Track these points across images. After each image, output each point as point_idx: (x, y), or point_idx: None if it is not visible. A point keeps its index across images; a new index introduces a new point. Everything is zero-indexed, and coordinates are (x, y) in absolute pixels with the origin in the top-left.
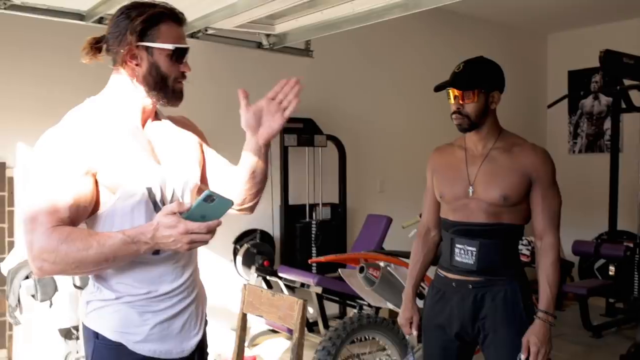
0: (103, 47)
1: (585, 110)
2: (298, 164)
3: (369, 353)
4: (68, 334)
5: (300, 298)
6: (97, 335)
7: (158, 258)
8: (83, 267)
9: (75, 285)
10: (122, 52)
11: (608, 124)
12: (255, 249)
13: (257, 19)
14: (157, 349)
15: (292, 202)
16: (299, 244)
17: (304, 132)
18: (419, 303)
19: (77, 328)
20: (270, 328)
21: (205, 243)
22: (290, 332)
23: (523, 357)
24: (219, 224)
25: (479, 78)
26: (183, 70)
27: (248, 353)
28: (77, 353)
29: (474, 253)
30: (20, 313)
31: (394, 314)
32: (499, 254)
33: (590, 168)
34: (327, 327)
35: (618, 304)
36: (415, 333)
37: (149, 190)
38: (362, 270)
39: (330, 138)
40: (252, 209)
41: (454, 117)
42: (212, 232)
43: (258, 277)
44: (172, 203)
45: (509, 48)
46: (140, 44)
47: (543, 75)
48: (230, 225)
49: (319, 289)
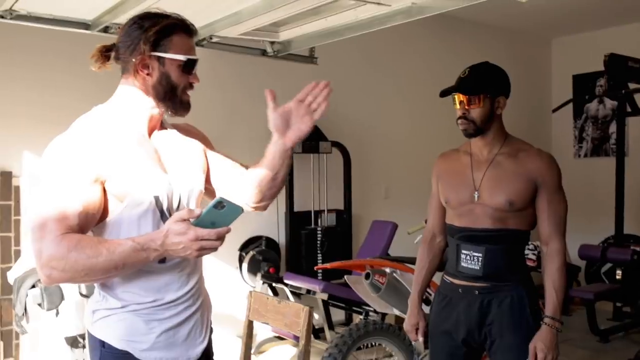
0: (112, 55)
1: (590, 114)
2: (303, 171)
3: (376, 359)
4: (74, 343)
5: (306, 305)
6: (103, 344)
7: (164, 266)
8: (92, 274)
9: (82, 294)
10: (133, 61)
11: (613, 128)
12: (261, 256)
13: (261, 27)
14: (163, 357)
15: (297, 208)
16: (305, 251)
17: (309, 138)
18: (425, 309)
19: (83, 336)
20: (277, 335)
21: (215, 250)
22: (297, 339)
23: None
24: (229, 231)
25: (485, 83)
26: (192, 81)
27: None
28: None
29: (480, 259)
30: (27, 322)
31: (400, 320)
32: (505, 260)
33: (596, 172)
34: (333, 333)
35: (625, 308)
36: (422, 339)
37: (156, 199)
38: (368, 277)
39: (335, 144)
40: (265, 207)
41: (460, 122)
42: (221, 238)
43: (264, 284)
44: (182, 210)
45: (513, 53)
46: (153, 54)
47: (548, 80)
48: (236, 233)
49: (325, 296)
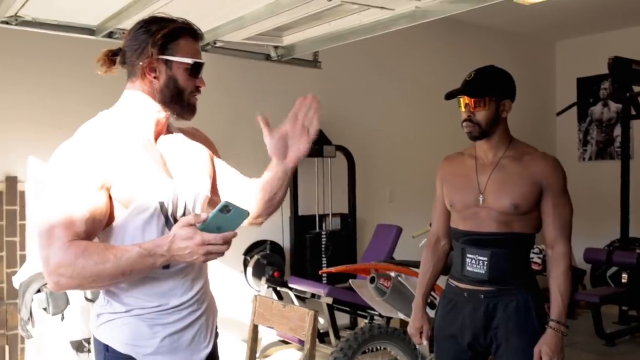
0: (118, 59)
1: (595, 117)
2: (307, 175)
3: None
4: (79, 347)
5: (311, 309)
6: (107, 348)
7: (168, 272)
8: (100, 281)
9: (87, 298)
10: (140, 64)
11: (618, 131)
12: (266, 260)
13: (265, 32)
14: None
15: (301, 212)
16: (309, 255)
17: (313, 142)
18: (430, 312)
19: (88, 341)
20: (281, 339)
21: (222, 254)
22: (302, 343)
23: None
24: (235, 235)
25: (490, 86)
26: (198, 85)
27: None
28: None
29: (485, 263)
30: (33, 326)
31: (405, 324)
32: (511, 264)
33: (601, 175)
34: (338, 337)
35: (631, 312)
36: (426, 342)
37: (162, 205)
38: (372, 281)
39: (339, 148)
40: (261, 223)
41: (465, 125)
42: (228, 243)
43: (268, 288)
44: (187, 215)
45: (517, 56)
46: (160, 57)
47: (552, 83)
48: (240, 237)
49: (330, 300)
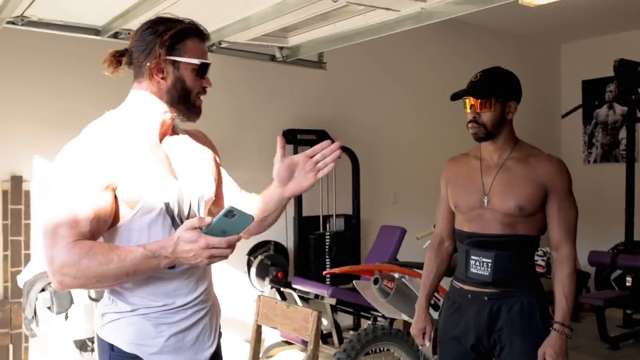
0: (124, 60)
1: (600, 120)
2: None
3: None
4: (83, 346)
5: (315, 309)
6: (112, 347)
7: (173, 272)
8: (104, 281)
9: (91, 298)
10: (147, 65)
11: (623, 134)
12: (269, 261)
13: (270, 32)
14: None
15: (305, 213)
16: (313, 256)
17: (318, 143)
18: (433, 314)
19: (92, 340)
20: (285, 340)
21: (225, 258)
22: (305, 343)
23: None
24: (239, 239)
25: (496, 87)
26: (205, 86)
27: None
28: None
29: (490, 265)
30: (37, 325)
31: (409, 326)
32: (515, 266)
33: (606, 178)
34: (341, 338)
35: (635, 315)
36: (429, 344)
37: (167, 206)
38: (376, 282)
39: (344, 149)
40: (248, 238)
41: (470, 126)
42: (232, 247)
43: (272, 288)
44: (193, 218)
45: (523, 58)
46: (168, 58)
47: (557, 85)
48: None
49: (333, 301)
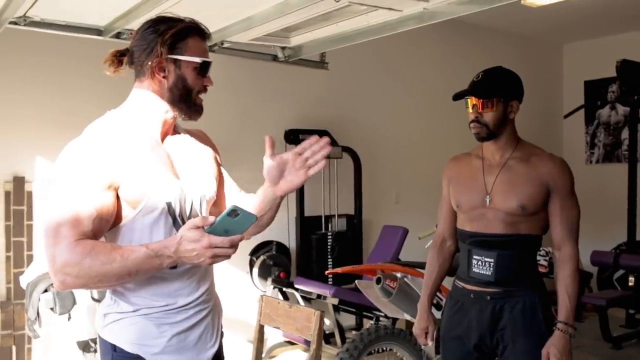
0: (125, 59)
1: (602, 121)
2: (313, 176)
3: None
4: (86, 347)
5: (317, 309)
6: (114, 348)
7: (175, 272)
8: (106, 280)
9: (93, 298)
10: (149, 64)
11: (625, 134)
12: (272, 261)
13: (272, 32)
14: None
15: (307, 213)
16: (315, 256)
17: None
18: (436, 314)
19: (95, 341)
20: (287, 340)
21: (228, 258)
22: (308, 343)
23: None
24: (242, 239)
25: (498, 87)
26: (206, 84)
27: None
28: None
29: (492, 264)
30: (39, 326)
31: (411, 325)
32: (517, 265)
33: (608, 178)
34: (344, 338)
35: (638, 315)
36: (431, 343)
37: (169, 205)
38: (379, 282)
39: (346, 149)
40: (249, 237)
41: (472, 125)
42: (235, 246)
43: (274, 288)
44: (195, 217)
45: (525, 58)
46: (169, 57)
47: (559, 86)
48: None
49: (336, 301)
